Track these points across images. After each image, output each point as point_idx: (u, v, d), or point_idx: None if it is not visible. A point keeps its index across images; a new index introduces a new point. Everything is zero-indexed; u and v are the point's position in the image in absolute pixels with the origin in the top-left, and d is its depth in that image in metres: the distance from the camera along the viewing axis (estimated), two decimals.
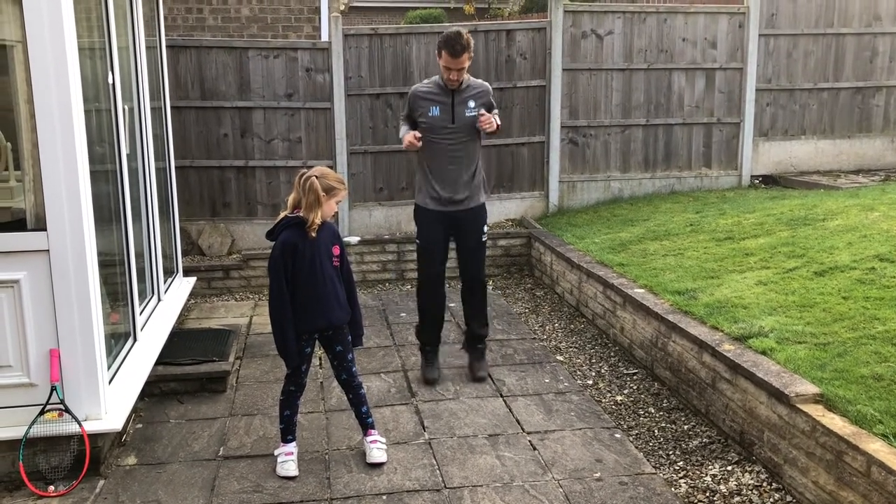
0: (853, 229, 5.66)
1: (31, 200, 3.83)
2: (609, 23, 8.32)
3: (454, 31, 4.75)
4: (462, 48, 4.66)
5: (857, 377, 3.61)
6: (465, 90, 4.89)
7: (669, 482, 3.82)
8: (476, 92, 4.92)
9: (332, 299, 3.90)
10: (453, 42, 4.66)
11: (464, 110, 4.87)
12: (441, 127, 4.87)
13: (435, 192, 4.96)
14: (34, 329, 3.74)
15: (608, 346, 5.70)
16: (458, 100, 4.87)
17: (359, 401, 4.10)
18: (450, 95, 4.87)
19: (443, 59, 4.73)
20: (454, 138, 4.88)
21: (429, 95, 4.90)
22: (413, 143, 4.76)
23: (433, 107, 4.87)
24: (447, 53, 4.68)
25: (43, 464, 3.83)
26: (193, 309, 6.88)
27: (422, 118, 4.90)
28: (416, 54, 7.95)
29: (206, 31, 9.28)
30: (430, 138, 4.88)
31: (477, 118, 4.85)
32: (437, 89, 4.91)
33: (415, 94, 4.96)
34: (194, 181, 7.79)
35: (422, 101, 4.91)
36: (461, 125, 4.87)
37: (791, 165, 9.07)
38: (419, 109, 4.92)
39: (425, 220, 5.05)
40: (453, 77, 4.77)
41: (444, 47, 4.69)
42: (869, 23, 8.90)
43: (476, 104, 4.89)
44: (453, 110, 4.86)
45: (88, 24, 4.23)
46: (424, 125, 4.89)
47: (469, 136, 4.91)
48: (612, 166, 8.60)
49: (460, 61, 4.70)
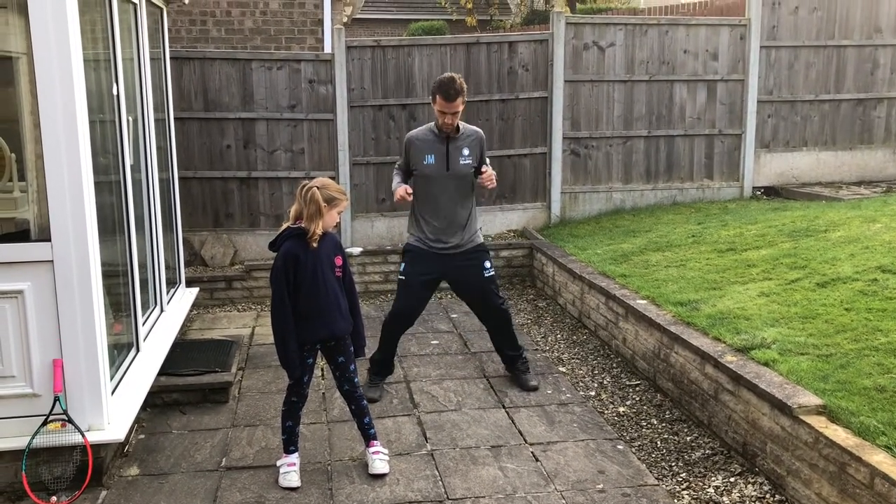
0: (855, 241, 5.67)
1: (35, 211, 3.85)
2: (611, 35, 8.35)
3: (447, 76, 4.79)
4: (456, 92, 4.72)
5: (860, 389, 3.61)
6: (459, 138, 4.94)
7: (672, 494, 3.81)
8: (470, 140, 4.98)
9: (334, 310, 3.91)
10: (447, 87, 4.71)
11: (458, 158, 4.92)
12: (436, 175, 4.91)
13: (426, 236, 4.99)
14: (37, 339, 3.75)
15: (610, 357, 5.70)
16: (453, 147, 4.91)
17: (361, 412, 4.10)
18: (444, 143, 4.91)
19: (437, 104, 4.78)
20: (449, 186, 4.93)
21: (424, 143, 4.94)
22: (404, 198, 4.79)
23: (428, 155, 4.92)
24: (441, 98, 4.73)
25: (46, 474, 3.82)
26: (196, 320, 6.89)
27: (416, 167, 4.95)
28: (419, 66, 7.98)
29: (209, 42, 9.34)
30: (425, 188, 4.94)
31: (471, 165, 4.94)
32: (431, 136, 4.95)
33: (410, 142, 5.00)
34: (197, 192, 7.81)
35: (417, 149, 4.95)
36: (455, 173, 4.92)
37: (793, 177, 9.08)
38: (414, 157, 4.96)
39: (414, 256, 5.02)
40: (448, 121, 4.82)
41: (439, 92, 4.74)
42: (870, 35, 8.93)
43: (470, 152, 4.95)
44: (448, 158, 4.91)
45: (93, 36, 4.26)
46: (419, 175, 4.94)
47: (463, 183, 4.97)
48: (614, 177, 8.62)
49: (454, 105, 4.75)
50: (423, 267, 4.99)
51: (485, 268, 5.04)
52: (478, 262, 5.03)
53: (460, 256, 5.00)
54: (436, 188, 4.93)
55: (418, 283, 5.00)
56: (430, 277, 5.03)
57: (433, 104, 4.84)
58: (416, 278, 4.99)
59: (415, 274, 4.99)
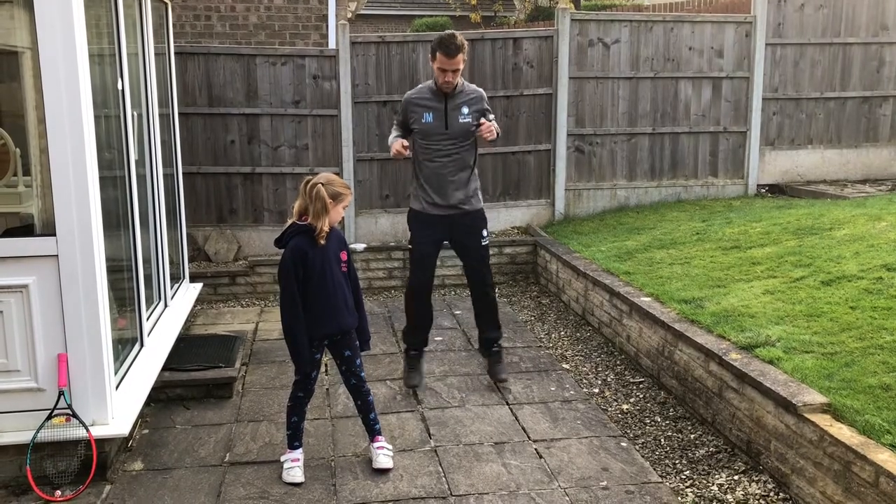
0: (860, 239, 5.65)
1: (40, 206, 3.85)
2: (616, 31, 8.33)
3: (448, 32, 4.75)
4: (457, 48, 4.65)
5: (865, 387, 3.60)
6: (459, 95, 4.86)
7: (676, 491, 3.81)
8: (469, 98, 4.89)
9: (341, 305, 3.92)
10: (447, 42, 4.65)
11: (457, 116, 4.84)
12: (434, 133, 4.85)
13: (429, 197, 4.94)
14: (42, 334, 3.76)
15: (614, 354, 5.69)
16: (452, 105, 4.84)
17: (367, 407, 4.11)
18: (443, 101, 4.84)
19: (437, 61, 4.71)
20: (448, 144, 4.86)
21: (422, 101, 4.87)
22: (400, 152, 4.73)
23: (426, 113, 4.84)
24: (442, 54, 4.66)
25: (50, 468, 3.83)
26: (200, 315, 6.89)
27: (415, 125, 4.89)
28: (423, 62, 7.97)
29: (214, 38, 9.33)
30: (423, 145, 4.89)
31: (471, 124, 4.84)
32: (430, 94, 4.87)
33: (408, 101, 4.94)
34: (201, 187, 7.81)
35: (415, 107, 4.88)
36: (455, 131, 4.85)
37: (797, 175, 9.06)
38: (412, 116, 4.89)
39: (419, 224, 5.03)
40: (448, 79, 4.74)
41: (439, 48, 4.67)
42: (876, 32, 8.90)
43: (470, 110, 4.86)
44: (447, 116, 4.83)
45: (98, 31, 4.26)
46: (417, 132, 4.88)
47: (463, 142, 4.89)
48: (619, 174, 8.60)
49: (455, 61, 4.67)
50: (428, 230, 4.99)
51: (482, 236, 5.04)
52: (476, 230, 5.02)
53: (461, 218, 4.97)
54: (434, 147, 4.86)
55: (427, 247, 5.01)
56: (436, 238, 5.03)
57: (432, 62, 4.77)
58: (424, 243, 5.00)
59: (422, 239, 5.00)
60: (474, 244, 5.04)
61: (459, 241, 5.07)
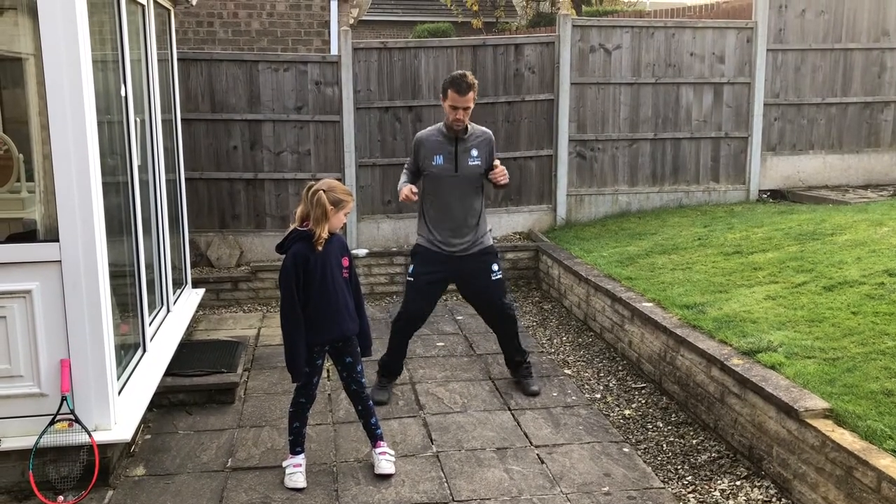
0: (862, 244, 5.65)
1: (44, 211, 3.87)
2: (617, 37, 8.35)
3: (459, 72, 4.83)
4: (468, 86, 4.72)
5: (867, 392, 3.60)
6: (469, 138, 4.92)
7: (678, 497, 3.80)
8: (479, 140, 4.95)
9: (343, 310, 3.92)
10: (459, 81, 4.73)
11: (467, 159, 4.90)
12: (444, 175, 4.90)
13: (436, 237, 4.97)
14: (45, 339, 3.76)
15: (616, 359, 5.69)
16: (462, 148, 4.90)
17: (368, 412, 4.11)
18: (454, 144, 4.90)
19: (448, 99, 4.77)
20: (457, 187, 4.91)
21: (433, 144, 4.93)
22: (409, 198, 4.78)
23: (437, 156, 4.90)
24: (453, 91, 4.73)
25: (53, 474, 3.84)
26: (202, 320, 6.90)
27: (426, 169, 4.94)
28: (425, 68, 7.99)
29: (216, 44, 9.36)
30: (432, 187, 4.93)
31: (480, 167, 4.91)
32: (441, 137, 4.93)
33: (419, 142, 4.99)
34: (204, 193, 7.83)
35: (426, 149, 4.93)
36: (464, 174, 4.90)
37: (799, 180, 9.06)
38: (424, 159, 4.94)
39: (424, 257, 5.01)
40: (459, 116, 4.79)
41: (451, 86, 4.74)
42: (877, 38, 8.92)
43: (479, 153, 4.93)
44: (457, 159, 4.89)
45: (102, 37, 4.28)
46: (428, 176, 4.93)
47: (472, 184, 4.95)
48: (620, 180, 8.61)
49: (466, 99, 4.74)
50: (431, 268, 4.98)
51: (493, 270, 5.02)
52: (486, 265, 5.01)
53: (469, 258, 4.98)
54: (444, 189, 4.92)
55: (427, 283, 4.99)
56: (439, 278, 5.03)
57: (443, 101, 4.83)
58: (424, 279, 4.98)
59: (423, 275, 4.98)
60: (484, 282, 5.01)
61: (468, 278, 5.05)
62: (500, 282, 5.05)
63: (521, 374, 5.22)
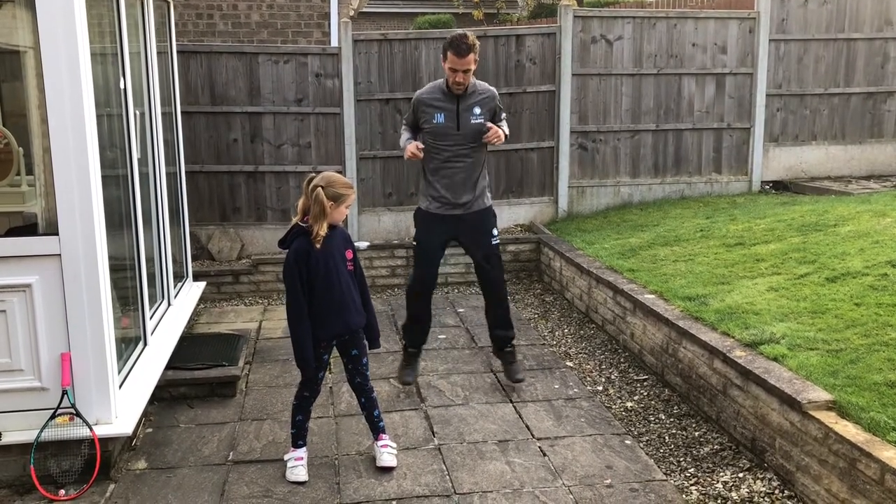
0: (865, 235, 5.63)
1: (43, 205, 3.85)
2: (619, 28, 8.31)
3: (459, 32, 4.73)
4: (468, 48, 4.61)
5: (871, 384, 3.59)
6: (471, 95, 4.82)
7: (681, 489, 3.80)
8: (482, 98, 4.85)
9: (349, 304, 3.90)
10: (458, 42, 4.62)
11: (469, 117, 4.81)
12: (446, 133, 4.82)
13: (438, 196, 4.92)
14: (46, 333, 3.76)
15: (618, 351, 5.68)
16: (464, 106, 4.81)
17: (371, 405, 4.10)
18: (454, 101, 4.81)
19: (448, 61, 4.68)
20: (459, 145, 4.83)
21: (433, 102, 4.84)
22: (415, 155, 4.72)
23: (438, 113, 4.81)
24: (453, 53, 4.63)
25: (54, 468, 3.84)
26: (203, 314, 6.90)
27: (426, 125, 4.86)
28: (426, 59, 7.96)
29: (216, 36, 9.33)
30: (433, 145, 4.86)
31: (483, 125, 4.80)
32: (441, 95, 4.84)
33: (419, 100, 4.91)
34: (204, 186, 7.82)
35: (426, 107, 4.85)
36: (466, 132, 4.82)
37: (802, 171, 9.03)
38: (423, 116, 4.87)
39: (425, 221, 5.00)
40: (459, 79, 4.70)
41: (450, 48, 4.64)
42: (880, 28, 8.87)
43: (482, 110, 4.83)
44: (458, 117, 4.80)
45: (100, 30, 4.26)
46: (428, 132, 4.86)
47: (474, 142, 4.86)
48: (622, 171, 8.59)
49: (466, 61, 4.64)
50: (434, 228, 4.95)
51: (492, 234, 5.00)
52: (486, 227, 4.98)
53: (469, 217, 4.94)
54: (445, 147, 4.83)
55: (432, 245, 4.97)
56: (443, 238, 5.00)
57: (443, 62, 4.74)
58: (429, 241, 4.97)
59: (427, 236, 4.97)
60: (484, 242, 4.99)
61: (468, 239, 5.03)
62: (496, 246, 5.03)
63: (504, 356, 5.19)
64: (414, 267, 5.12)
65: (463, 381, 5.23)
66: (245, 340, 5.78)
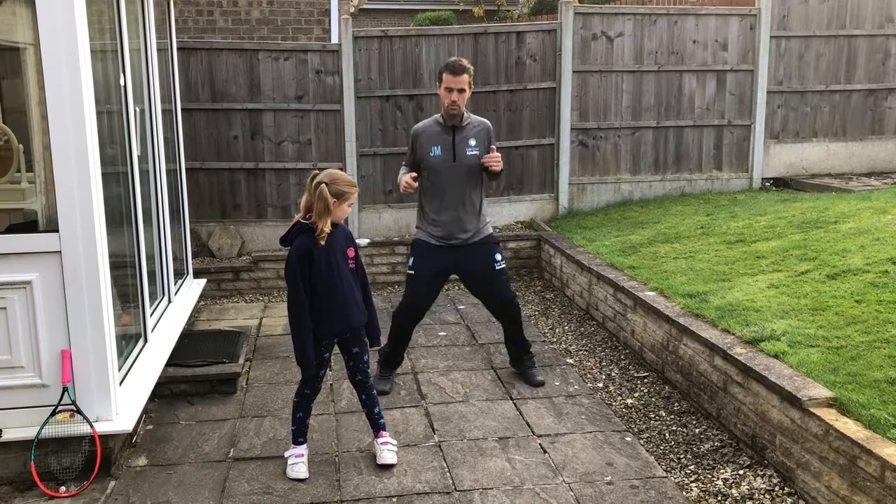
0: (866, 232, 5.63)
1: (43, 202, 3.85)
2: (619, 25, 8.30)
3: (453, 58, 4.84)
4: (462, 68, 4.71)
5: (871, 381, 3.58)
6: (466, 128, 4.88)
7: (681, 486, 3.80)
8: (476, 130, 4.92)
9: (350, 302, 3.89)
10: (453, 63, 4.74)
11: (465, 149, 4.86)
12: (443, 166, 4.86)
13: (436, 230, 4.92)
14: (46, 330, 3.75)
15: (618, 349, 5.68)
16: (459, 138, 4.86)
17: (371, 402, 4.10)
18: (451, 133, 4.86)
19: (443, 82, 4.75)
20: (456, 177, 4.87)
21: (430, 134, 4.89)
22: (410, 185, 4.75)
23: (434, 146, 4.86)
24: (447, 74, 4.72)
25: (54, 464, 3.84)
26: (203, 310, 6.90)
27: (423, 160, 4.90)
28: (426, 56, 7.95)
29: (216, 33, 9.32)
30: (431, 178, 4.89)
31: (478, 157, 4.86)
32: (437, 127, 4.90)
33: (416, 133, 4.95)
34: (204, 183, 7.81)
35: (423, 140, 4.89)
36: (462, 164, 4.86)
37: (802, 168, 9.03)
38: (421, 149, 4.90)
39: (423, 252, 4.96)
40: (454, 98, 4.75)
41: (445, 69, 4.74)
42: (881, 24, 8.86)
43: (477, 142, 4.89)
44: (454, 149, 4.85)
45: (100, 27, 4.25)
46: (425, 166, 4.89)
47: (470, 174, 4.90)
48: (623, 168, 8.58)
49: (460, 80, 4.71)
50: (431, 261, 4.94)
51: (496, 259, 4.98)
52: (489, 254, 4.97)
53: (469, 248, 4.94)
54: (443, 180, 4.88)
55: (427, 277, 4.95)
56: (439, 270, 4.99)
57: (439, 87, 4.81)
58: (424, 272, 4.94)
59: (423, 268, 4.94)
60: (487, 271, 4.96)
61: (469, 271, 5.02)
62: (503, 271, 5.01)
63: (524, 364, 5.20)
64: (404, 296, 5.04)
65: (463, 377, 5.23)
66: (245, 337, 5.78)
